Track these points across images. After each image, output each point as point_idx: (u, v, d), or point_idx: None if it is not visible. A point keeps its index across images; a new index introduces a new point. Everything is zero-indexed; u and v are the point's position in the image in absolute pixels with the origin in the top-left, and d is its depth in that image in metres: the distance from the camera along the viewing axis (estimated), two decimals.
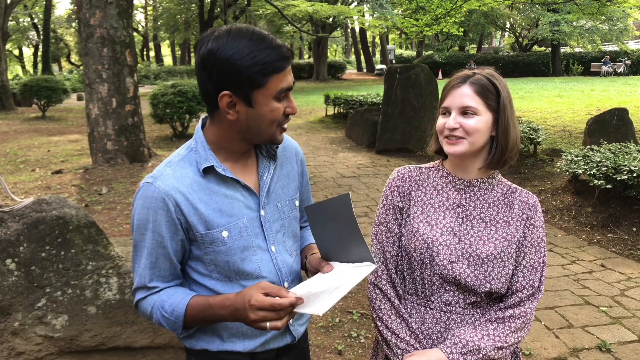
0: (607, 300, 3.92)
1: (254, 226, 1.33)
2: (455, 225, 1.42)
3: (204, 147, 1.30)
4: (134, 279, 1.33)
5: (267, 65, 1.18)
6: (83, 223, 2.28)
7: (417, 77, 9.83)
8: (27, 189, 6.80)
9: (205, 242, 1.28)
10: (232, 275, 1.31)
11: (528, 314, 1.40)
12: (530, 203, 1.44)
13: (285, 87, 1.23)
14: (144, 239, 1.27)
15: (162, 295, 1.29)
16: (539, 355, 3.19)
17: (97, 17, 7.66)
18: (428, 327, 1.43)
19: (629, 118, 8.12)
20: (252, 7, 32.19)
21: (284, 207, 1.41)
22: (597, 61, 31.34)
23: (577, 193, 6.17)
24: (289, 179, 1.45)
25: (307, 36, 41.03)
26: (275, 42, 1.21)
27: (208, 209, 1.27)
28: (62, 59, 49.73)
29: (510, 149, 1.39)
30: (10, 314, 2.16)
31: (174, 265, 1.31)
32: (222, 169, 1.28)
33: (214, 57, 1.18)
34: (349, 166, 8.85)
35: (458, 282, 1.39)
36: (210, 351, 1.35)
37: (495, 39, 58.36)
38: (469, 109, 1.36)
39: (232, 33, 1.19)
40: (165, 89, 11.02)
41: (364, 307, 3.76)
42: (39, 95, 15.40)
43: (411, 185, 1.50)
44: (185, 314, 1.25)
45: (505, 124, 1.38)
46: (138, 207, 1.27)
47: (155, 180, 1.25)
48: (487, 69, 1.43)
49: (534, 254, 1.41)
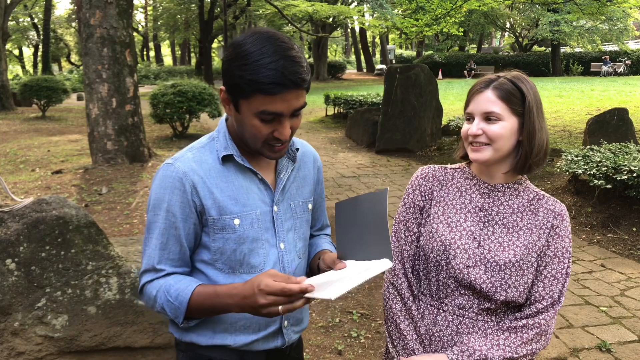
0: (607, 300, 3.92)
1: (265, 220, 1.34)
2: (476, 229, 1.39)
3: (226, 137, 1.33)
4: (142, 261, 1.33)
5: (252, 83, 1.15)
6: (83, 223, 2.28)
7: (417, 77, 9.83)
8: (27, 189, 6.80)
9: (216, 228, 1.29)
10: (237, 266, 1.32)
11: (543, 325, 1.34)
12: (557, 211, 1.38)
13: (270, 111, 1.17)
14: (157, 219, 1.29)
15: (169, 280, 1.28)
16: (539, 355, 3.19)
17: (97, 17, 7.66)
18: (439, 330, 1.41)
19: (629, 118, 8.11)
20: (252, 7, 32.18)
21: (297, 207, 1.42)
22: (597, 61, 31.34)
23: (577, 193, 6.17)
24: (305, 182, 1.46)
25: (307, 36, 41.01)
26: (280, 64, 1.13)
27: (223, 195, 1.29)
28: (62, 59, 49.73)
29: (535, 154, 1.34)
30: (10, 314, 2.16)
31: (184, 249, 1.31)
32: (241, 159, 1.31)
33: (228, 52, 1.21)
34: (349, 166, 8.85)
35: (473, 287, 1.36)
36: (199, 345, 1.35)
37: (495, 39, 58.35)
38: (492, 114, 1.32)
39: (256, 36, 1.17)
40: (165, 89, 11.01)
41: (363, 307, 3.76)
42: (39, 95, 15.39)
43: (434, 185, 1.47)
44: (190, 300, 1.23)
45: (531, 128, 1.33)
46: (155, 186, 1.29)
47: (176, 162, 1.29)
48: (514, 71, 1.39)
49: (556, 264, 1.36)
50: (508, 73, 1.38)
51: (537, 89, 1.39)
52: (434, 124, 10.34)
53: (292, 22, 24.18)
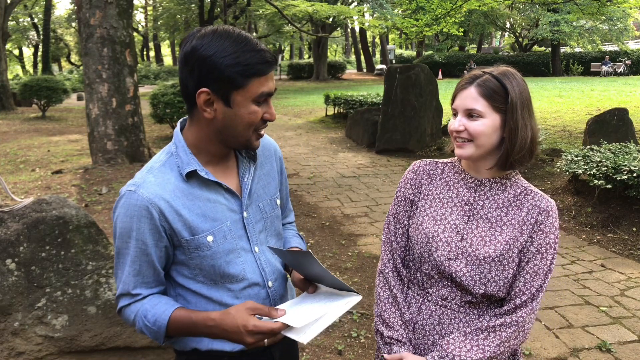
0: (607, 300, 3.91)
1: (237, 228, 1.33)
2: (460, 223, 1.41)
3: (185, 151, 1.28)
4: (116, 285, 1.33)
5: (249, 67, 1.18)
6: (83, 223, 2.28)
7: (417, 77, 9.83)
8: (27, 189, 6.80)
9: (191, 248, 1.27)
10: (217, 278, 1.32)
11: (520, 322, 1.35)
12: (542, 207, 1.37)
13: (266, 92, 1.22)
14: (128, 247, 1.26)
15: (145, 304, 1.28)
16: (539, 355, 3.19)
17: (97, 17, 7.66)
18: (423, 319, 1.45)
19: (629, 118, 8.11)
20: (252, 7, 32.18)
21: (266, 207, 1.41)
22: (597, 61, 31.34)
23: (577, 193, 6.17)
24: (269, 178, 1.45)
25: (307, 36, 41.01)
26: (260, 45, 1.20)
27: (192, 215, 1.26)
28: (62, 59, 49.72)
29: (517, 151, 1.34)
30: (10, 314, 2.16)
31: (158, 271, 1.30)
32: (205, 172, 1.28)
33: (197, 54, 1.18)
34: (349, 166, 8.85)
35: (454, 279, 1.39)
36: (200, 350, 1.35)
37: (495, 39, 58.34)
38: (473, 111, 1.33)
39: (217, 32, 1.20)
40: (165, 89, 11.01)
41: (363, 307, 3.76)
42: (39, 95, 15.40)
43: (423, 179, 1.50)
44: (167, 326, 1.26)
45: (513, 126, 1.33)
46: (121, 215, 1.25)
47: (138, 188, 1.23)
48: (502, 67, 1.38)
49: (539, 260, 1.36)
50: (495, 69, 1.37)
51: (529, 86, 1.39)
52: (434, 124, 10.34)
53: (292, 22, 24.16)
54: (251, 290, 1.36)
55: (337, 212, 6.16)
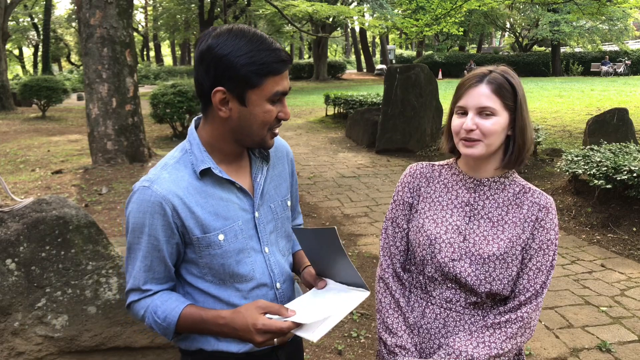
0: (607, 300, 3.91)
1: (248, 228, 1.33)
2: (461, 223, 1.41)
3: (200, 148, 1.29)
4: (126, 280, 1.33)
5: (265, 66, 1.19)
6: (83, 223, 2.28)
7: (417, 77, 9.83)
8: (27, 189, 6.80)
9: (202, 246, 1.28)
10: (226, 278, 1.32)
11: (525, 318, 1.35)
12: (542, 204, 1.38)
13: (281, 91, 1.23)
14: (140, 242, 1.26)
15: (155, 300, 1.29)
16: (539, 355, 3.19)
17: (97, 17, 7.66)
18: (427, 322, 1.43)
19: (629, 118, 8.12)
20: (252, 7, 32.19)
21: (277, 208, 1.41)
22: (597, 61, 31.35)
23: (577, 193, 6.17)
24: (281, 179, 1.45)
25: (307, 36, 41.01)
26: (275, 45, 1.21)
27: (204, 213, 1.26)
28: (62, 59, 49.73)
29: (527, 149, 1.36)
30: (10, 314, 2.16)
31: (169, 268, 1.31)
32: (219, 170, 1.28)
33: (213, 53, 1.19)
34: (349, 166, 8.85)
35: (458, 280, 1.38)
36: (205, 350, 1.35)
37: (495, 39, 58.34)
38: (486, 109, 1.32)
39: (233, 31, 1.20)
40: (165, 89, 11.02)
41: (363, 307, 3.76)
42: (39, 95, 15.39)
43: (421, 182, 1.50)
44: (177, 323, 1.26)
45: (523, 123, 1.35)
46: (134, 210, 1.25)
47: (152, 184, 1.24)
48: (501, 66, 1.39)
49: (541, 256, 1.36)
50: (497, 67, 1.38)
51: (529, 86, 1.40)
52: (434, 124, 10.34)
53: (292, 22, 24.16)
54: (259, 291, 1.36)
55: (337, 212, 6.16)
